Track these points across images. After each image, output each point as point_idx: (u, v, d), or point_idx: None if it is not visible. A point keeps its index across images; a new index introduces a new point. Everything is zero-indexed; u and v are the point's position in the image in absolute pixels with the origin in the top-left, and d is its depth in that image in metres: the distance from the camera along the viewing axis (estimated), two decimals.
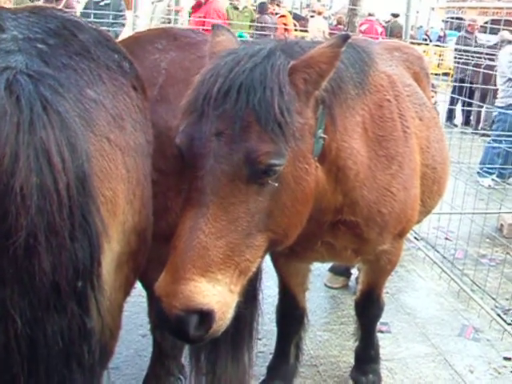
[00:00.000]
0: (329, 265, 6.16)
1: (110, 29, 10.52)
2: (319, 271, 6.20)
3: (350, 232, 3.33)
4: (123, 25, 12.67)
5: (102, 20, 10.96)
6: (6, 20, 2.34)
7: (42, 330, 2.11)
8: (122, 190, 2.28)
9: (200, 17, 10.70)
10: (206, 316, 2.35)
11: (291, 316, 4.18)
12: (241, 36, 14.24)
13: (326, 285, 6.25)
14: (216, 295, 2.36)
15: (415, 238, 7.76)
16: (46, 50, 2.26)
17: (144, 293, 3.76)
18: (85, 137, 2.10)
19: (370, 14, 17.48)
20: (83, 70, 2.29)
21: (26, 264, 1.99)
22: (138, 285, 3.32)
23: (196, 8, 11.56)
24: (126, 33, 11.41)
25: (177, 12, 10.99)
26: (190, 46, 3.41)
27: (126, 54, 2.58)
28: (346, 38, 2.58)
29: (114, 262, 2.35)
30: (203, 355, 3.60)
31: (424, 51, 17.26)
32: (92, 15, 10.61)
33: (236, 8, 17.80)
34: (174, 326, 2.38)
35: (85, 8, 12.68)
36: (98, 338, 2.34)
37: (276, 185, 2.45)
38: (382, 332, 5.23)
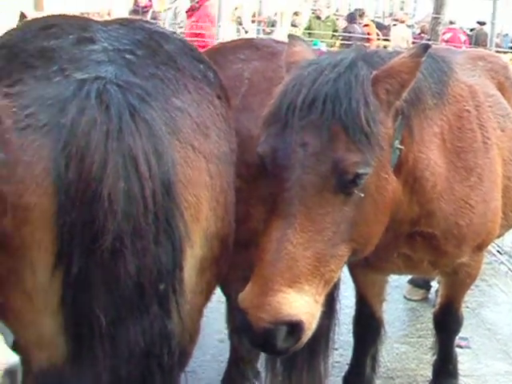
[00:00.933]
0: (408, 276, 6.05)
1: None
2: (398, 283, 6.09)
3: (427, 244, 3.27)
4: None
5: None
6: (97, 32, 2.45)
7: (125, 330, 2.20)
8: (205, 197, 2.34)
9: (193, 22, 10.78)
10: (294, 327, 2.35)
11: (368, 327, 4.13)
12: (315, 44, 14.23)
13: (405, 297, 6.13)
14: (303, 306, 2.37)
15: (498, 251, 7.50)
16: (134, 60, 2.36)
17: (223, 298, 3.82)
18: (170, 144, 2.18)
19: (451, 22, 17.10)
20: (169, 79, 2.36)
21: (111, 266, 2.08)
22: (218, 290, 3.37)
23: (190, 12, 11.62)
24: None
25: None
26: (272, 56, 3.45)
27: (210, 63, 2.65)
28: (426, 47, 2.55)
29: (196, 266, 2.40)
30: (279, 362, 3.62)
31: (510, 60, 16.70)
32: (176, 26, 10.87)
33: (318, 18, 17.81)
34: (261, 339, 2.38)
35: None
36: (178, 341, 2.40)
37: (362, 195, 2.46)
38: (461, 347, 5.07)
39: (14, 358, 1.70)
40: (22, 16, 5.56)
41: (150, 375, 2.31)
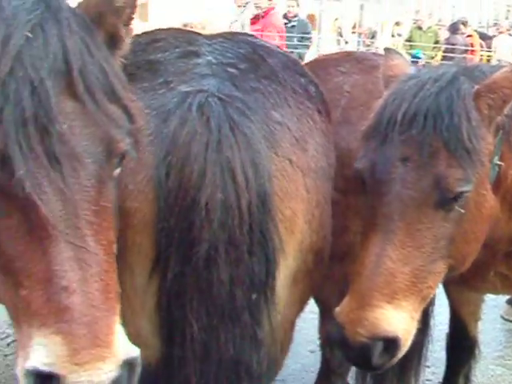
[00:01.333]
0: (506, 296, 5.80)
1: (294, 50, 10.77)
2: (495, 302, 5.84)
3: None
4: (308, 46, 12.89)
5: (288, 42, 11.26)
6: (202, 46, 2.54)
7: (216, 336, 2.25)
8: (301, 210, 2.36)
9: (257, 30, 10.64)
10: (391, 343, 2.35)
11: (461, 345, 4.01)
12: (417, 54, 13.88)
13: (502, 317, 5.88)
14: (400, 322, 2.36)
15: None
16: (236, 73, 2.41)
17: (316, 309, 3.81)
18: (268, 157, 2.22)
19: None
20: (270, 93, 2.40)
21: (205, 274, 2.14)
22: (311, 301, 3.38)
23: (254, 20, 11.49)
24: (311, 54, 11.63)
25: None
26: (372, 69, 3.43)
27: (312, 77, 2.67)
28: None
29: (289, 278, 2.42)
30: (370, 377, 3.58)
31: None
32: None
33: (420, 28, 17.43)
34: (357, 354, 2.38)
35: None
36: (268, 350, 2.43)
37: (462, 211, 2.42)
38: None
39: (134, 351, 1.80)
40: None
41: (238, 382, 2.35)
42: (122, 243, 2.24)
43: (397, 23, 19.19)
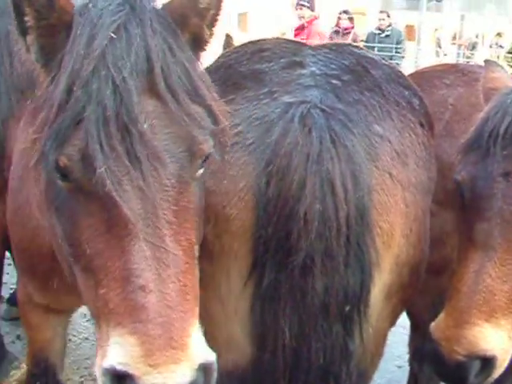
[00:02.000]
0: None
1: (391, 60, 10.61)
2: None
3: None
4: (403, 57, 12.66)
5: (382, 53, 11.11)
6: (307, 56, 2.56)
7: (307, 344, 2.27)
8: (398, 224, 2.34)
9: (303, 39, 10.37)
10: (488, 363, 2.30)
11: None
12: None
13: None
14: (499, 341, 2.31)
15: None
16: (339, 85, 2.42)
17: (406, 323, 3.76)
18: (368, 170, 2.22)
19: None
20: (373, 105, 2.40)
21: (301, 283, 2.17)
22: (402, 315, 3.34)
23: (299, 30, 11.20)
24: (406, 65, 11.39)
25: None
26: (476, 82, 3.34)
27: (417, 90, 2.63)
28: None
29: (383, 291, 2.41)
30: None
31: None
32: (375, 48, 10.80)
33: None
34: (453, 371, 2.35)
35: (366, 40, 12.96)
36: (357, 362, 2.43)
37: None
38: None
39: (211, 355, 1.79)
40: (228, 37, 5.88)
41: None
42: (219, 248, 2.32)
43: (498, 34, 18.52)
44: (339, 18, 14.25)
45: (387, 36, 13.02)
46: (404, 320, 3.62)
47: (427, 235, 2.64)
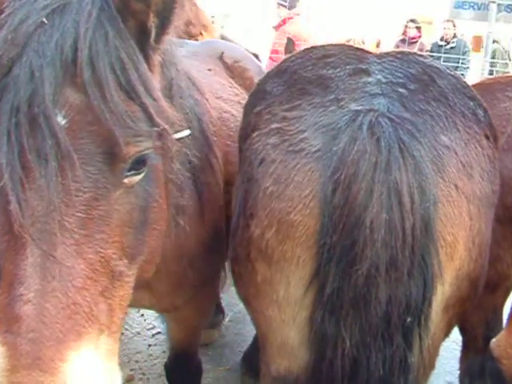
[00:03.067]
0: None
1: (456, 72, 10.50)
2: None
3: None
4: (468, 67, 12.51)
5: (446, 63, 11.00)
6: (373, 64, 2.55)
7: (367, 354, 2.26)
8: (462, 237, 2.32)
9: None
10: None
11: None
12: None
13: None
14: None
15: None
16: (406, 94, 2.41)
17: (458, 339, 3.71)
18: (434, 182, 2.20)
19: None
20: (439, 116, 2.38)
21: (364, 292, 2.15)
22: (454, 330, 3.30)
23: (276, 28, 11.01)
24: (472, 76, 11.25)
25: None
26: None
27: (481, 101, 2.60)
28: None
29: (442, 303, 2.38)
30: None
31: None
32: (441, 58, 10.67)
33: None
34: None
35: (430, 51, 12.85)
36: (415, 375, 2.41)
37: None
38: None
39: None
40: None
41: None
42: (281, 254, 2.32)
43: None
44: (406, 27, 14.13)
45: (452, 48, 12.88)
46: (456, 335, 3.59)
47: (488, 249, 2.60)
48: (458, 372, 3.88)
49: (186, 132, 2.12)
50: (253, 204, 2.39)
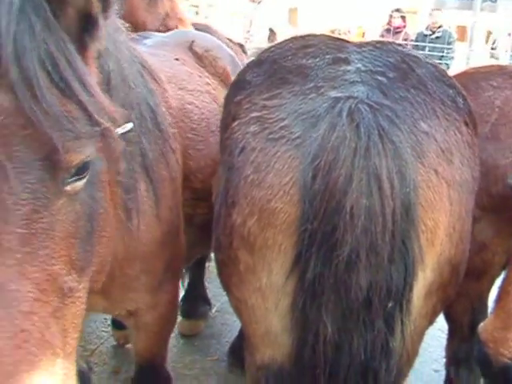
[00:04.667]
0: None
1: (440, 61, 10.56)
2: None
3: None
4: (452, 57, 12.60)
5: (431, 53, 11.06)
6: (352, 53, 2.56)
7: (348, 339, 2.28)
8: (442, 222, 2.33)
9: None
10: None
11: None
12: None
13: None
14: None
15: None
16: (385, 82, 2.42)
17: (444, 327, 3.75)
18: (414, 167, 2.21)
19: None
20: (418, 103, 2.39)
21: (344, 277, 2.17)
22: (440, 318, 3.32)
23: None
24: (457, 66, 11.33)
25: None
26: None
27: (460, 89, 2.63)
28: None
29: (424, 289, 2.40)
30: None
31: None
32: (426, 48, 10.73)
33: None
34: (499, 375, 2.35)
35: (415, 40, 12.92)
36: (397, 360, 2.43)
37: None
38: None
39: None
40: (272, 32, 5.94)
41: None
42: (262, 241, 2.33)
43: None
44: (391, 17, 14.14)
45: (437, 37, 12.93)
46: (442, 323, 3.62)
47: (469, 235, 2.63)
48: (444, 360, 3.90)
49: (129, 126, 1.88)
50: (234, 192, 2.39)
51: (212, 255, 3.38)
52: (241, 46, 5.58)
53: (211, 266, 3.93)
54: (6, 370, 1.35)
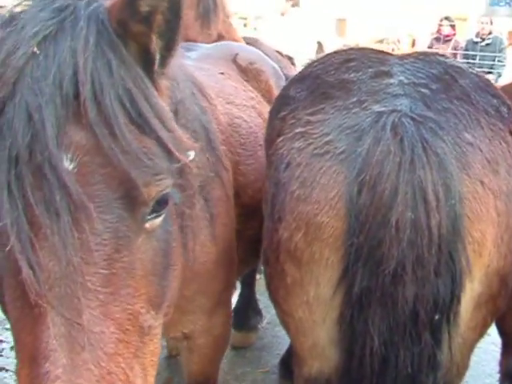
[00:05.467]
0: None
1: (492, 69, 10.40)
2: None
3: None
4: (504, 65, 12.40)
5: (482, 61, 10.91)
6: (394, 66, 2.58)
7: (395, 352, 2.28)
8: (490, 233, 2.32)
9: None
10: None
11: None
12: None
13: None
14: None
15: None
16: (428, 94, 2.43)
17: (497, 341, 3.70)
18: (459, 179, 2.21)
19: None
20: (462, 114, 2.39)
21: (391, 290, 2.18)
22: (493, 332, 3.27)
23: None
24: (508, 73, 11.16)
25: None
26: None
27: (505, 99, 2.61)
28: None
29: (472, 301, 2.39)
30: None
31: None
32: (477, 56, 10.59)
33: None
34: None
35: (465, 48, 12.75)
36: (444, 373, 2.42)
37: None
38: None
39: None
40: (320, 45, 5.96)
41: None
42: (309, 255, 2.35)
43: None
44: (440, 25, 14.03)
45: (488, 45, 12.75)
46: (496, 337, 3.57)
47: None
48: (498, 375, 3.83)
49: (192, 154, 1.83)
50: (280, 208, 2.43)
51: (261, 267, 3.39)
52: (290, 58, 5.57)
53: (262, 279, 3.95)
54: None
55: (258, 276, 5.26)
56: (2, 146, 1.43)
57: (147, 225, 1.59)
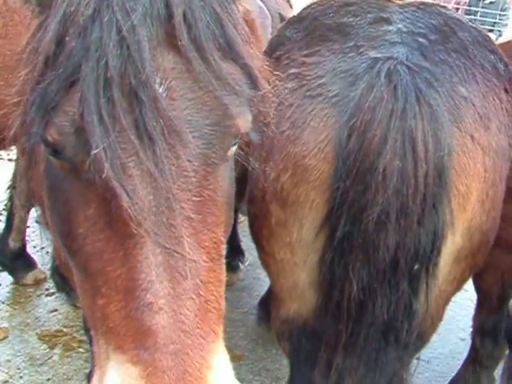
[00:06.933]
0: None
1: (493, 28, 10.30)
2: None
3: None
4: (506, 24, 12.27)
5: (484, 18, 10.78)
6: (394, 13, 2.53)
7: (372, 299, 2.31)
8: (475, 188, 2.33)
9: None
10: None
11: None
12: None
13: None
14: None
15: None
16: (426, 44, 2.40)
17: (473, 297, 3.76)
18: (450, 131, 2.21)
19: None
20: (458, 67, 2.37)
21: (373, 237, 2.19)
22: (470, 287, 3.32)
23: None
24: (510, 33, 11.06)
25: None
26: None
27: (502, 55, 2.59)
28: None
29: (453, 254, 2.42)
30: None
31: None
32: (478, 13, 10.46)
33: None
34: None
35: (468, 5, 12.58)
36: (419, 322, 2.46)
37: None
38: None
39: None
40: None
41: (385, 346, 2.41)
42: (295, 197, 2.36)
43: None
44: None
45: (491, 3, 12.57)
46: (472, 293, 3.64)
47: (500, 203, 2.62)
48: (471, 329, 3.90)
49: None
50: (269, 147, 2.42)
51: (245, 208, 3.38)
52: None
53: (246, 221, 3.95)
54: (199, 343, 1.33)
55: (242, 217, 5.27)
56: (89, 68, 1.34)
57: (229, 152, 1.56)
